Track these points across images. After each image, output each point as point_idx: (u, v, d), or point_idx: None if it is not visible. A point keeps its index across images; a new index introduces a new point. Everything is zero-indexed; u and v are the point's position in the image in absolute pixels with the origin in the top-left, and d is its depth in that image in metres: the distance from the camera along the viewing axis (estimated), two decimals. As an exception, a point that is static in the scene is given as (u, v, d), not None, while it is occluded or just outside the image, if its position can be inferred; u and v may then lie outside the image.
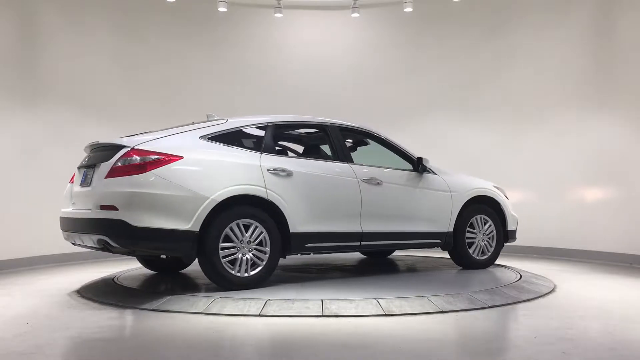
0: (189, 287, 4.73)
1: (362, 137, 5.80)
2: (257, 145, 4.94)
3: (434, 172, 5.78)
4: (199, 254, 4.50)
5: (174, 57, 8.45)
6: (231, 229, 4.55)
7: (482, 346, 3.35)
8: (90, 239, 4.54)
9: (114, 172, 4.39)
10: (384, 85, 8.88)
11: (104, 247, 4.49)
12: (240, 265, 4.59)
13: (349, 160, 5.32)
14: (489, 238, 6.04)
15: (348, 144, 6.02)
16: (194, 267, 5.49)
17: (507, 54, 8.37)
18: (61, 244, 5.38)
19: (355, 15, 8.70)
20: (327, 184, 5.06)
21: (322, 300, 4.16)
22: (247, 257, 4.62)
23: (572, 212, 7.65)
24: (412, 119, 8.73)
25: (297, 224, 4.83)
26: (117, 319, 3.96)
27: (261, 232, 4.67)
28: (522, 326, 3.97)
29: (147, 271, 5.90)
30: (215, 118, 5.06)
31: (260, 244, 4.68)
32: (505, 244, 6.24)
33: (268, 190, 4.69)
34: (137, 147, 4.43)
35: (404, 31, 8.87)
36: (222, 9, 8.32)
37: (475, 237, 5.94)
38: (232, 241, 4.56)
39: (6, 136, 6.72)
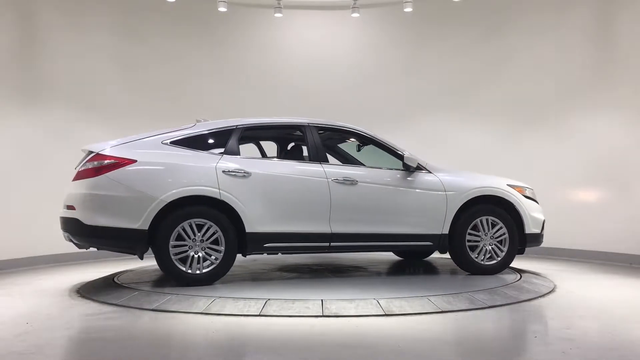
0: (189, 286, 4.73)
1: (347, 136, 5.75)
2: (220, 147, 5.09)
3: (428, 171, 5.46)
4: (152, 251, 4.78)
5: (174, 57, 8.44)
6: (183, 228, 4.75)
7: (482, 346, 3.36)
8: (64, 236, 5.01)
9: (78, 175, 4.88)
10: (384, 85, 8.87)
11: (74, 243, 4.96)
12: (192, 263, 4.78)
13: (323, 160, 5.25)
14: (499, 241, 5.56)
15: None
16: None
17: (507, 54, 8.36)
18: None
19: (355, 15, 8.69)
20: (289, 185, 5.05)
21: (322, 300, 4.16)
22: (199, 255, 4.80)
23: (572, 212, 7.64)
24: (412, 118, 8.72)
25: (255, 224, 4.90)
26: (117, 319, 3.96)
27: (215, 232, 4.83)
28: (521, 326, 3.97)
29: (147, 271, 5.90)
30: (202, 122, 5.27)
31: (215, 242, 4.84)
32: (525, 249, 5.69)
33: (221, 191, 4.82)
34: (99, 152, 4.82)
35: (404, 31, 8.86)
36: (222, 9, 8.31)
37: (480, 240, 5.53)
38: (184, 239, 4.76)
39: (6, 136, 6.71)
